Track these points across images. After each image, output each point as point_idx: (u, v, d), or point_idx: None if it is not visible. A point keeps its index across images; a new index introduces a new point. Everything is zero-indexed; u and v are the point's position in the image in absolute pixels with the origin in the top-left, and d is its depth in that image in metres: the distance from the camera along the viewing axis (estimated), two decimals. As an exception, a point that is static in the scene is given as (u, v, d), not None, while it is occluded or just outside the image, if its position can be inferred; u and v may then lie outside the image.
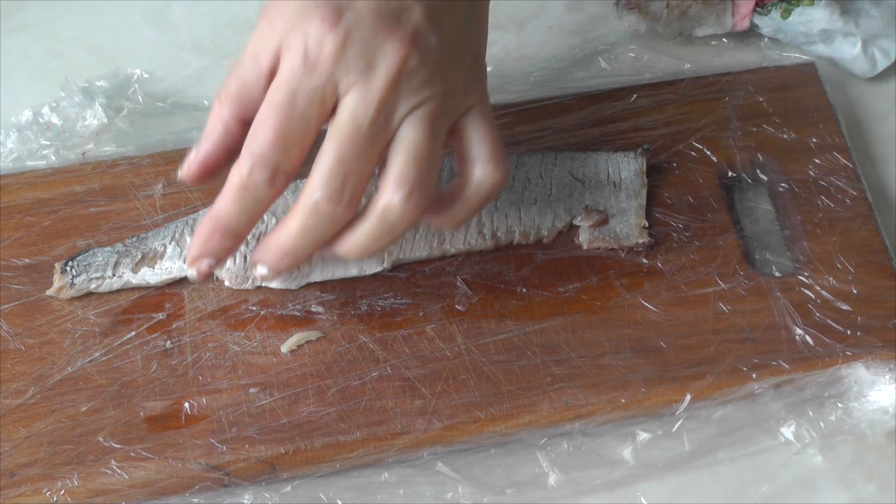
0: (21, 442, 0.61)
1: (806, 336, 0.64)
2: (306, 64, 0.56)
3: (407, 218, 0.58)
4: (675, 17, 0.78)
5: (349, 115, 0.56)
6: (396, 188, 0.57)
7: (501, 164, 0.59)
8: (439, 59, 0.57)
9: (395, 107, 0.56)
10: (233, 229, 0.58)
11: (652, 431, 0.63)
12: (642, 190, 0.69)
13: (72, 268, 0.66)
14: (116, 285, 0.66)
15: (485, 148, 0.59)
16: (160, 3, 0.83)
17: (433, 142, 0.57)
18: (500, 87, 0.76)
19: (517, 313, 0.65)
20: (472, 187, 0.59)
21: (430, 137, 0.57)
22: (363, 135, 0.56)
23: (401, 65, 0.56)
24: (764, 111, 0.73)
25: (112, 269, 0.66)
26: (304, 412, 0.62)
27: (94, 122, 0.75)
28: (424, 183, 0.57)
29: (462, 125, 0.59)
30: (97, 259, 0.66)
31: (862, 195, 0.69)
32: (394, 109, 0.56)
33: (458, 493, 0.61)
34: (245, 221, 0.58)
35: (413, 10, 0.56)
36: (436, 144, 0.58)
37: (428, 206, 0.58)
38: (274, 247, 0.59)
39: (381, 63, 0.56)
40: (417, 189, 0.57)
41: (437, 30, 0.57)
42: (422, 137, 0.57)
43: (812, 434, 0.63)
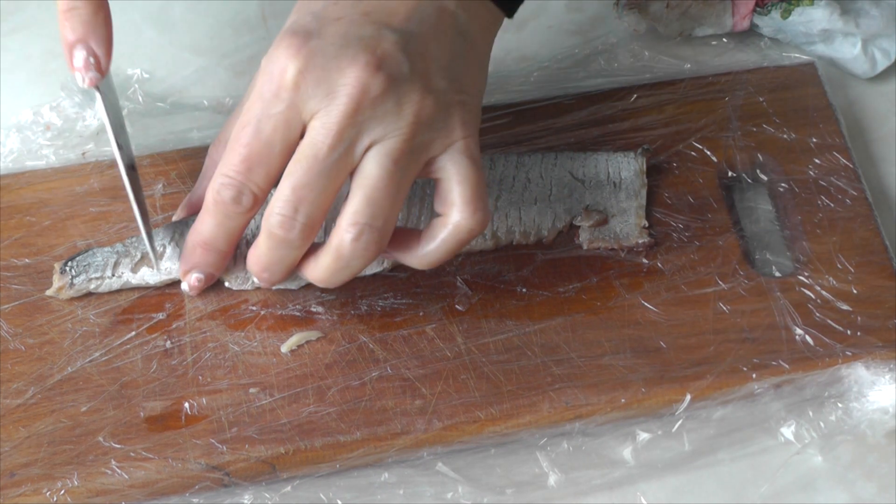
0: (21, 442, 0.61)
1: (806, 336, 0.64)
2: (270, 89, 0.56)
3: (359, 256, 0.57)
4: (675, 17, 0.78)
5: (308, 142, 0.56)
6: (348, 227, 0.57)
7: (480, 209, 0.58)
8: (411, 91, 0.56)
9: (358, 136, 0.56)
10: (211, 244, 0.61)
11: (652, 431, 0.63)
12: (642, 190, 0.69)
13: (71, 268, 0.66)
14: (116, 285, 0.66)
15: (464, 191, 0.58)
16: (160, 3, 0.83)
17: (394, 179, 0.56)
18: (500, 87, 0.76)
19: (517, 313, 0.65)
20: (448, 231, 0.58)
21: (391, 175, 0.56)
22: (320, 163, 0.56)
23: (360, 93, 0.55)
24: (764, 111, 0.73)
25: (112, 269, 0.66)
26: (304, 412, 0.62)
27: (94, 122, 0.75)
28: (378, 223, 0.57)
29: (442, 164, 0.58)
30: (97, 259, 0.66)
31: (862, 195, 0.69)
32: (356, 139, 0.56)
33: (458, 493, 0.61)
34: (221, 236, 0.60)
35: (385, 39, 0.56)
36: (397, 182, 0.56)
37: (382, 245, 0.58)
38: (252, 261, 0.61)
39: (341, 90, 0.55)
40: (369, 230, 0.56)
41: (411, 61, 0.56)
42: (381, 174, 0.56)
43: (812, 434, 0.63)
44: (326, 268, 0.59)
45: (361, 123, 0.55)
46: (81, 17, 0.60)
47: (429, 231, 0.59)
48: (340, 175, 0.56)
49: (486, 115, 0.73)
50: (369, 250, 0.57)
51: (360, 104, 0.55)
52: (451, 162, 0.58)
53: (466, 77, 0.59)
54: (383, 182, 0.56)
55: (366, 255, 0.57)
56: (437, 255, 0.60)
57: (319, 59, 0.55)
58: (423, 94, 0.56)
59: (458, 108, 0.58)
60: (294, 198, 0.56)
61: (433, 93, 0.57)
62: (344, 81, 0.55)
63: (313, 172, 0.56)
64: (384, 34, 0.56)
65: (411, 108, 0.56)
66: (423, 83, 0.56)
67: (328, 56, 0.55)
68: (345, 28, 0.56)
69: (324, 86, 0.55)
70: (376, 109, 0.55)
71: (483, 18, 0.61)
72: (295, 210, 0.57)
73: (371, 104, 0.55)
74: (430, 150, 0.57)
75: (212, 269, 0.63)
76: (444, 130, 0.57)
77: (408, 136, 0.56)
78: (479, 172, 0.58)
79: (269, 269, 0.60)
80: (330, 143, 0.55)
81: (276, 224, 0.57)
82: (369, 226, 0.56)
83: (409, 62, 0.56)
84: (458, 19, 0.59)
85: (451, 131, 0.58)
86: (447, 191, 0.58)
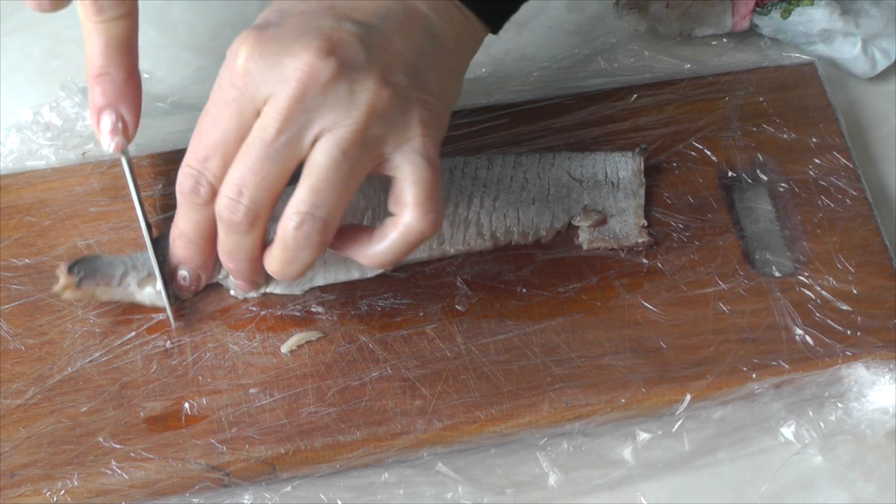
0: (21, 442, 0.61)
1: (806, 336, 0.64)
2: (225, 76, 0.56)
3: (303, 246, 0.57)
4: (675, 17, 0.78)
5: (258, 126, 0.56)
6: (291, 215, 0.56)
7: (432, 212, 0.57)
8: (367, 80, 0.55)
9: (308, 123, 0.55)
10: (185, 236, 0.61)
11: (652, 431, 0.63)
12: (640, 189, 0.69)
13: (80, 270, 0.64)
14: (118, 296, 0.65)
15: (417, 192, 0.57)
16: (160, 3, 0.83)
17: (341, 170, 0.55)
18: (500, 87, 0.76)
19: (517, 313, 0.65)
20: (399, 231, 0.58)
21: (338, 164, 0.55)
22: (267, 147, 0.55)
23: (309, 77, 0.54)
24: (764, 111, 0.73)
25: (119, 278, 0.65)
26: (304, 412, 0.62)
27: (94, 122, 0.75)
28: (321, 213, 0.56)
29: (397, 162, 0.57)
30: (104, 265, 0.65)
31: (862, 195, 0.69)
32: (306, 125, 0.55)
33: (458, 493, 0.61)
34: (190, 228, 0.60)
35: (342, 29, 0.55)
36: (345, 173, 0.56)
37: (327, 237, 0.57)
38: (218, 252, 0.61)
39: (291, 75, 0.54)
40: (310, 219, 0.56)
41: (368, 51, 0.55)
42: (328, 164, 0.55)
43: (812, 434, 0.63)
44: (276, 258, 0.58)
45: (312, 110, 0.55)
46: (114, 83, 0.60)
47: (381, 230, 0.58)
48: (288, 161, 0.56)
49: (486, 115, 0.73)
50: (312, 240, 0.56)
51: (309, 88, 0.54)
52: (406, 161, 0.57)
53: (432, 78, 0.58)
54: (330, 171, 0.55)
55: (309, 244, 0.57)
56: (388, 256, 0.59)
57: (273, 45, 0.55)
58: (379, 84, 0.55)
59: (418, 106, 0.57)
60: (239, 180, 0.56)
61: (390, 85, 0.56)
62: (294, 66, 0.54)
63: (260, 156, 0.55)
64: (343, 25, 0.55)
65: (365, 98, 0.55)
66: (380, 74, 0.55)
67: (282, 43, 0.55)
68: (305, 19, 0.56)
69: (275, 71, 0.55)
70: (327, 96, 0.55)
71: (459, 26, 0.60)
72: (239, 193, 0.56)
73: (321, 89, 0.54)
74: (383, 145, 0.56)
75: (193, 263, 0.63)
76: (400, 126, 0.56)
77: (359, 127, 0.55)
78: (436, 174, 0.57)
79: (230, 257, 0.60)
80: (278, 128, 0.55)
81: (222, 207, 0.57)
82: (311, 215, 0.56)
83: (366, 52, 0.55)
84: (428, 21, 0.58)
85: (407, 128, 0.57)
86: (401, 191, 0.57)
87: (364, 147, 0.56)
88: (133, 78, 0.61)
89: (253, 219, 0.57)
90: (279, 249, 0.58)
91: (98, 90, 0.61)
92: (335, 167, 0.55)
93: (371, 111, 0.55)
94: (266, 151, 0.55)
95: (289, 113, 0.55)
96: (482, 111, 0.73)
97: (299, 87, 0.54)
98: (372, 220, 0.66)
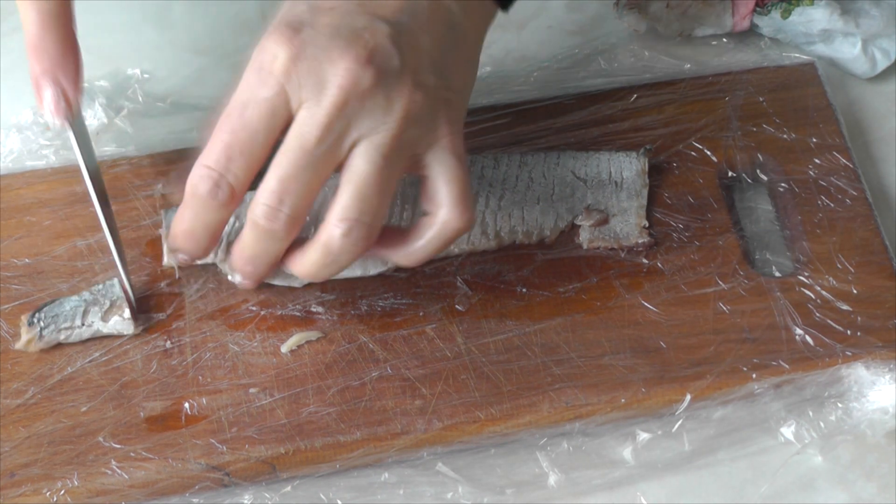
0: (21, 442, 0.61)
1: (806, 336, 0.64)
2: (259, 76, 0.55)
3: (348, 252, 0.57)
4: (675, 17, 0.78)
5: (296, 133, 0.55)
6: (337, 223, 0.56)
7: (468, 209, 0.58)
8: (401, 85, 0.55)
9: (346, 129, 0.55)
10: (191, 233, 0.59)
11: (652, 431, 0.63)
12: (643, 190, 0.69)
13: (39, 319, 0.64)
14: (87, 335, 0.64)
15: (451, 190, 0.57)
16: (160, 3, 0.83)
17: (383, 175, 0.56)
18: (500, 87, 0.76)
19: (517, 313, 0.65)
20: (436, 229, 0.58)
21: (381, 170, 0.56)
22: (307, 154, 0.55)
23: (350, 85, 0.54)
24: (764, 111, 0.73)
25: (81, 318, 0.64)
26: (304, 412, 0.62)
27: (94, 122, 0.75)
28: (367, 219, 0.56)
29: (428, 161, 0.58)
30: (64, 309, 0.64)
31: (862, 195, 0.69)
32: (344, 132, 0.55)
33: (458, 493, 0.61)
34: (200, 228, 0.59)
35: (377, 31, 0.55)
36: (386, 177, 0.56)
37: (371, 241, 0.57)
38: (236, 254, 0.60)
39: (331, 81, 0.54)
40: (358, 225, 0.56)
41: (402, 54, 0.55)
42: (370, 170, 0.55)
43: (812, 434, 0.63)
44: (314, 262, 0.58)
45: (350, 116, 0.55)
46: (49, 54, 0.60)
47: (417, 229, 0.59)
48: (327, 168, 0.56)
49: (487, 115, 0.73)
50: (358, 245, 0.57)
51: (350, 97, 0.54)
52: (437, 160, 0.57)
53: (455, 73, 0.58)
54: (373, 177, 0.56)
55: (354, 250, 0.57)
56: (425, 253, 0.59)
57: (310, 48, 0.55)
58: (412, 89, 0.56)
59: (444, 106, 0.57)
60: (280, 189, 0.56)
61: (422, 88, 0.56)
62: (334, 72, 0.54)
63: (300, 164, 0.55)
64: (377, 25, 0.55)
65: (401, 103, 0.55)
66: (413, 78, 0.56)
67: (319, 46, 0.55)
68: (338, 19, 0.55)
69: (314, 76, 0.55)
70: (365, 103, 0.55)
71: (476, 12, 0.60)
72: (280, 201, 0.56)
73: (360, 97, 0.55)
74: (416, 147, 0.57)
75: (196, 254, 0.61)
76: (430, 126, 0.57)
77: (396, 132, 0.56)
78: (466, 171, 0.58)
79: (253, 261, 0.59)
80: (318, 135, 0.55)
81: (260, 215, 0.57)
82: (359, 221, 0.56)
83: (400, 55, 0.55)
84: (451, 12, 0.58)
85: (437, 128, 0.57)
86: (435, 190, 0.58)
87: (401, 150, 0.56)
88: (70, 49, 0.60)
89: (292, 227, 0.57)
90: (319, 254, 0.57)
91: (35, 61, 0.60)
92: (378, 172, 0.56)
93: (406, 115, 0.55)
94: (307, 159, 0.55)
95: (329, 120, 0.55)
96: (483, 111, 0.73)
97: (341, 94, 0.54)
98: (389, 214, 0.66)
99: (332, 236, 0.57)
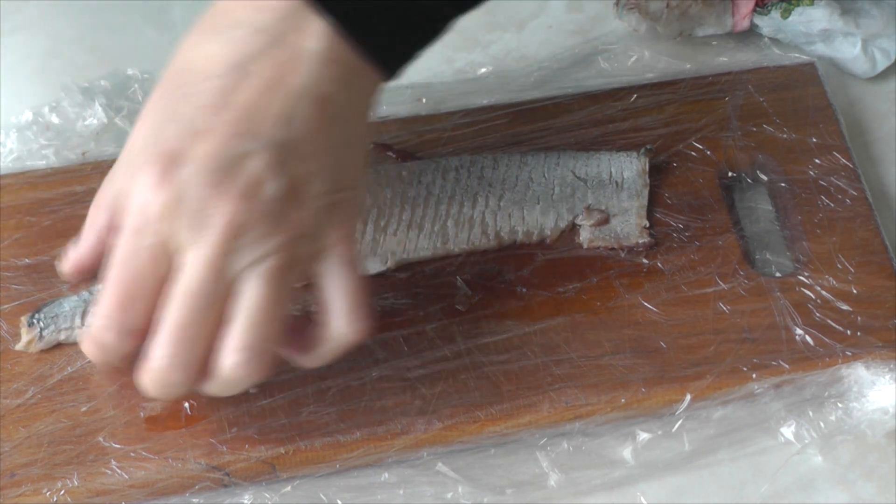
0: (21, 442, 0.61)
1: (806, 336, 0.64)
2: (135, 223, 0.53)
3: (247, 377, 0.55)
4: (675, 17, 0.78)
5: (182, 278, 0.53)
6: (234, 353, 0.54)
7: (359, 319, 0.56)
8: (285, 210, 0.53)
9: (230, 265, 0.53)
10: (108, 371, 0.60)
11: (652, 431, 0.63)
12: (644, 190, 0.69)
13: (39, 320, 0.64)
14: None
15: (342, 301, 0.56)
16: (160, 3, 0.83)
17: (276, 300, 0.54)
18: (500, 87, 0.76)
19: (517, 313, 0.65)
20: (330, 340, 0.57)
21: (273, 295, 0.54)
22: (197, 299, 0.53)
23: (229, 224, 0.52)
24: (764, 111, 0.73)
25: (80, 317, 0.64)
26: (304, 412, 0.62)
27: (94, 122, 0.75)
28: (265, 345, 0.54)
29: (318, 271, 0.55)
30: (64, 308, 0.64)
31: (862, 195, 0.69)
32: (230, 267, 0.53)
33: (458, 493, 0.61)
34: (116, 360, 0.57)
35: (254, 157, 0.52)
36: (279, 300, 0.54)
37: (269, 364, 0.55)
38: (146, 389, 0.57)
39: (210, 222, 0.52)
40: (256, 354, 0.54)
41: (284, 177, 0.53)
42: (263, 298, 0.53)
43: (812, 434, 0.63)
44: (218, 390, 0.56)
45: (235, 251, 0.53)
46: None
47: (315, 336, 0.57)
48: (219, 306, 0.54)
49: (486, 115, 0.73)
50: (257, 370, 0.55)
51: (232, 235, 0.52)
52: (327, 271, 0.55)
53: (344, 169, 0.55)
54: (266, 303, 0.54)
55: (254, 375, 0.55)
56: (322, 360, 0.58)
57: (186, 190, 0.52)
58: (298, 210, 0.53)
59: (333, 212, 0.55)
60: (178, 339, 0.54)
61: (307, 205, 0.54)
62: (213, 212, 0.52)
63: (193, 310, 0.53)
64: (254, 150, 0.52)
65: (286, 227, 0.53)
66: (297, 199, 0.53)
67: (195, 185, 0.52)
68: (213, 148, 0.52)
69: (192, 218, 0.52)
70: (248, 237, 0.53)
71: (359, 91, 0.56)
72: (184, 350, 0.54)
73: (243, 232, 0.52)
74: (306, 262, 0.55)
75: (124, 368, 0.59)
76: (318, 239, 0.55)
77: (285, 256, 0.54)
78: (356, 279, 0.56)
79: (166, 396, 0.57)
80: (205, 278, 0.53)
81: (167, 367, 0.54)
82: (255, 349, 0.54)
83: (283, 179, 0.53)
84: (331, 102, 0.54)
85: (325, 238, 0.55)
86: (325, 300, 0.56)
87: (292, 270, 0.54)
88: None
89: (192, 372, 0.55)
90: (219, 385, 0.56)
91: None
92: (272, 298, 0.54)
93: (292, 238, 0.53)
94: (198, 304, 0.53)
95: (214, 261, 0.52)
96: (482, 111, 0.73)
97: (222, 234, 0.52)
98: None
99: (225, 368, 0.55)
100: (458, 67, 0.79)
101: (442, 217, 0.68)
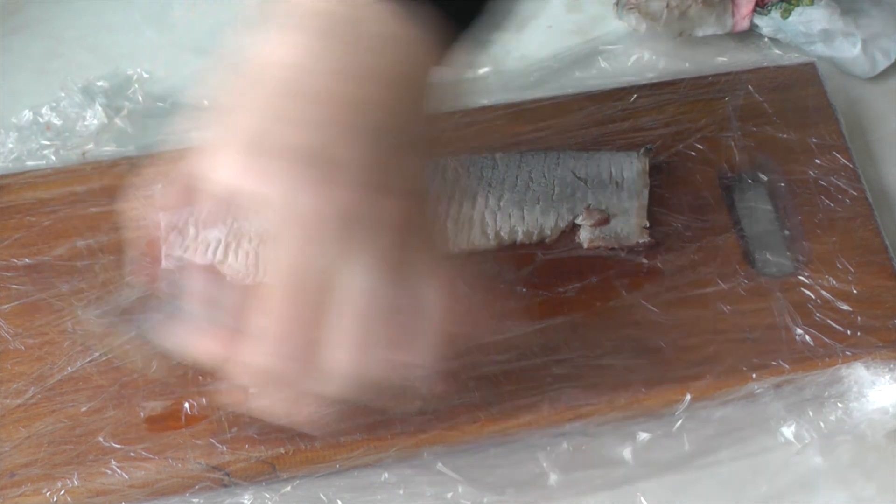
0: (21, 442, 0.61)
1: (806, 336, 0.64)
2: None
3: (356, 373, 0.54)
4: (675, 17, 0.78)
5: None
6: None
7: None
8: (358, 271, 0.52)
9: None
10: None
11: (652, 431, 0.63)
12: (644, 190, 0.69)
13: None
14: None
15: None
16: (160, 3, 0.83)
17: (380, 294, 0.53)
18: (500, 87, 0.76)
19: (517, 313, 0.65)
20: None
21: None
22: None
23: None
24: (764, 111, 0.73)
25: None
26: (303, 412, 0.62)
27: (94, 122, 0.75)
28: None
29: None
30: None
31: (862, 195, 0.69)
32: None
33: (458, 493, 0.61)
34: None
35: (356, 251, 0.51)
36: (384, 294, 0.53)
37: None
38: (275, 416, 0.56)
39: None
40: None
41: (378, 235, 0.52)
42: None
43: (812, 434, 0.63)
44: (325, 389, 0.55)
45: None
46: None
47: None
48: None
49: (487, 115, 0.73)
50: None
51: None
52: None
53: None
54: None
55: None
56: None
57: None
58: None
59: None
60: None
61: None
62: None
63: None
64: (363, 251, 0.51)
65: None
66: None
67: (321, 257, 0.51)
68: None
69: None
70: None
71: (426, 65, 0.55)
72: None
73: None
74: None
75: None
76: None
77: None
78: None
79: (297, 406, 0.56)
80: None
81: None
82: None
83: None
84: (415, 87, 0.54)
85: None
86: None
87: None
88: None
89: None
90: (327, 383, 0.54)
91: None
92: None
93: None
94: None
95: None
96: (482, 111, 0.73)
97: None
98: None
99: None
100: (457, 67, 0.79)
101: (442, 217, 0.68)
